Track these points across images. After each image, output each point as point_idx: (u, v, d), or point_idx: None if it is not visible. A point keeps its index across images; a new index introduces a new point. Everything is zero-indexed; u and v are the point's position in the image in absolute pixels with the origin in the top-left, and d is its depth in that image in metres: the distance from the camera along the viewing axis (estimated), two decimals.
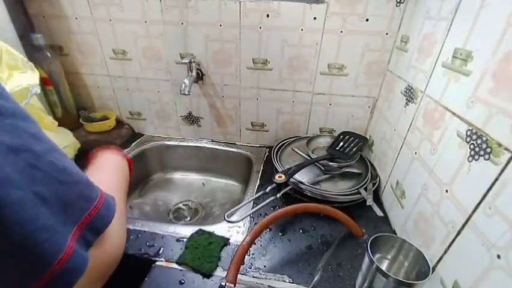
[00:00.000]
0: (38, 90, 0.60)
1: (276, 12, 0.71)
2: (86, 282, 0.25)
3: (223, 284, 0.42)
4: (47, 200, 0.22)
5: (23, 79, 0.57)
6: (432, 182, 0.48)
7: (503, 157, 0.33)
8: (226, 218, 0.56)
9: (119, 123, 0.96)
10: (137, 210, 0.83)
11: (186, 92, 0.75)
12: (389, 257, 0.49)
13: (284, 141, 0.85)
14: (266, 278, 0.50)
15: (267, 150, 0.92)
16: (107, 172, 0.42)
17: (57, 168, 0.23)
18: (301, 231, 0.61)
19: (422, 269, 0.43)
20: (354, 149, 0.75)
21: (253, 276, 0.50)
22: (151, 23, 0.78)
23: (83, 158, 0.47)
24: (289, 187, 0.65)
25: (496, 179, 0.34)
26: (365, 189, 0.67)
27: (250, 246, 0.49)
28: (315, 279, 0.49)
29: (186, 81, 0.75)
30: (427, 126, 0.52)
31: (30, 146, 0.22)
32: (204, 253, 0.52)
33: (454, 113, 0.44)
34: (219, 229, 0.59)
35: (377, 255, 0.48)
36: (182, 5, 0.74)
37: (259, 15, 0.73)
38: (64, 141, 0.77)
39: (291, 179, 0.64)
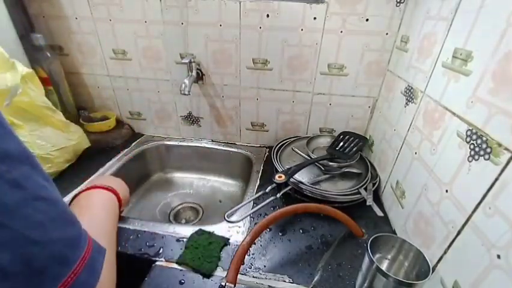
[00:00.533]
0: (21, 89, 0.57)
1: (276, 12, 0.71)
2: None
3: (223, 284, 0.42)
4: (8, 273, 0.18)
5: (1, 81, 0.54)
6: (432, 182, 0.48)
7: (503, 157, 0.33)
8: (226, 218, 0.56)
9: (119, 123, 0.96)
10: (137, 210, 0.83)
11: (186, 92, 0.75)
12: (389, 257, 0.49)
13: (284, 141, 0.85)
14: (266, 278, 0.50)
15: (267, 150, 0.92)
16: (97, 213, 0.38)
17: (31, 224, 0.20)
18: (301, 231, 0.61)
19: (422, 269, 0.43)
20: (354, 149, 0.75)
21: (253, 276, 0.50)
22: (151, 23, 0.78)
23: (87, 157, 0.46)
24: (289, 187, 0.65)
25: (496, 179, 0.34)
26: (365, 189, 0.67)
27: (250, 246, 0.49)
28: (315, 279, 0.49)
29: (186, 81, 0.75)
30: (427, 126, 0.52)
31: (2, 198, 0.19)
32: (204, 253, 0.52)
33: (453, 113, 0.44)
34: (219, 229, 0.59)
35: (377, 255, 0.48)
36: (182, 5, 0.74)
37: (259, 15, 0.73)
38: (72, 139, 0.76)
39: (291, 179, 0.64)
